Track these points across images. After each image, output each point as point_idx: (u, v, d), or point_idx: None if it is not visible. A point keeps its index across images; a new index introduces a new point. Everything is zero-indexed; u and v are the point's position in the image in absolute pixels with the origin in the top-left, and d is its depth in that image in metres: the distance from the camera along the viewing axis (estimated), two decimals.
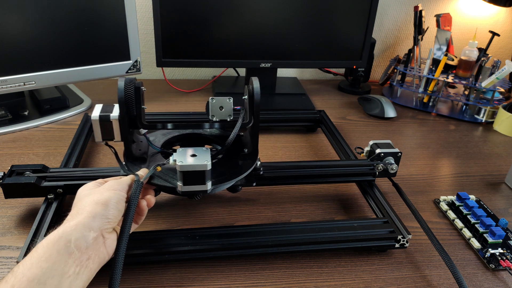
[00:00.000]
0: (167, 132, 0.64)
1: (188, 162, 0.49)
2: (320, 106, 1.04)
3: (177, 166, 0.49)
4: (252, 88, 0.56)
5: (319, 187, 0.71)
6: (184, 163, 0.49)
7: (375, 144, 0.68)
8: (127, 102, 0.52)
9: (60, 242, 0.38)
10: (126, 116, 0.53)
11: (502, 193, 0.75)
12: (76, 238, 0.39)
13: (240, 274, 0.53)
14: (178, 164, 0.49)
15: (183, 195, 0.52)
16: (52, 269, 0.37)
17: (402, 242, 0.56)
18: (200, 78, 1.22)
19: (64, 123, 0.88)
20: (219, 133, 0.64)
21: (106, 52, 0.90)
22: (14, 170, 0.58)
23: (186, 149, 0.52)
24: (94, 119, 0.53)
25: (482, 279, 0.55)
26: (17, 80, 0.81)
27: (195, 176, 0.50)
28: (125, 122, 0.53)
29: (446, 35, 1.05)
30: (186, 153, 0.51)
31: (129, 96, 0.52)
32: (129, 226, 0.44)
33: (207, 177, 0.50)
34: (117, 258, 0.42)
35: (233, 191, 0.60)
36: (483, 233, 0.61)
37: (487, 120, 1.03)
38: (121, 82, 0.52)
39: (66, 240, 0.39)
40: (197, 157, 0.50)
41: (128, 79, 0.52)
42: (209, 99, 0.57)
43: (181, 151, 0.51)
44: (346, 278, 0.53)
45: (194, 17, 0.91)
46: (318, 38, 0.99)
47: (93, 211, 0.42)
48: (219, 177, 0.54)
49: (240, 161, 0.59)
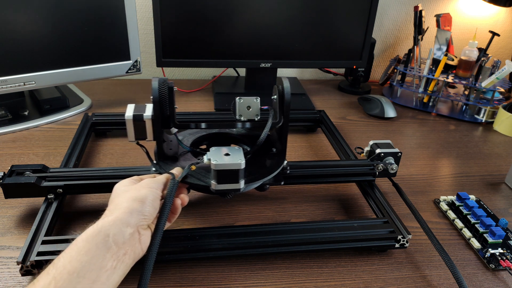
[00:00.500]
0: (194, 132, 0.64)
1: (223, 161, 0.49)
2: (320, 106, 1.04)
3: (212, 165, 0.49)
4: (282, 88, 0.56)
5: (319, 187, 0.71)
6: (219, 162, 0.49)
7: (375, 144, 0.68)
8: (161, 102, 0.52)
9: (99, 236, 0.39)
10: (160, 115, 0.53)
11: (502, 193, 0.75)
12: (114, 233, 0.40)
13: (240, 274, 0.53)
14: (213, 163, 0.49)
15: (216, 193, 0.53)
16: (91, 263, 0.37)
17: (402, 242, 0.56)
18: (200, 78, 1.22)
19: (64, 123, 0.88)
20: (246, 132, 0.65)
21: (106, 52, 0.90)
22: (14, 170, 0.58)
23: (220, 148, 0.52)
24: (128, 118, 0.53)
25: (482, 279, 0.55)
26: (17, 80, 0.81)
27: (229, 175, 0.50)
28: (158, 122, 0.53)
29: (446, 35, 1.05)
30: (220, 152, 0.51)
31: (163, 96, 0.52)
32: (164, 224, 0.45)
33: (241, 176, 0.51)
34: (150, 255, 0.43)
35: (261, 190, 0.60)
36: (483, 233, 0.61)
37: (487, 120, 1.03)
38: (155, 82, 0.52)
39: (105, 234, 0.40)
40: (231, 156, 0.51)
41: (162, 79, 0.53)
42: (236, 99, 0.58)
43: (214, 150, 0.52)
44: (346, 278, 0.53)
45: (194, 17, 0.91)
46: (318, 38, 0.99)
47: (130, 207, 0.43)
48: (249, 176, 0.54)
49: (267, 160, 0.59)
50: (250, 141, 0.63)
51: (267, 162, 0.59)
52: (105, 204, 0.63)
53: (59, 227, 0.58)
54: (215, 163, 0.49)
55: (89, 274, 0.37)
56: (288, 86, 0.56)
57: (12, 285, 0.49)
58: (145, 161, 0.74)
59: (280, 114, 0.58)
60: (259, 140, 0.57)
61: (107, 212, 0.44)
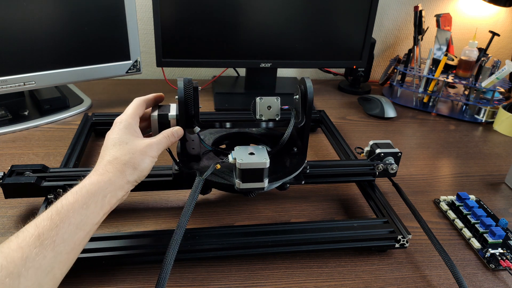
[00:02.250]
0: (214, 131, 0.64)
1: (248, 160, 0.50)
2: (320, 106, 1.04)
3: (237, 164, 0.50)
4: (304, 87, 0.57)
5: (319, 187, 0.71)
6: (245, 161, 0.50)
7: (375, 144, 0.68)
8: (187, 101, 0.53)
9: (98, 195, 0.42)
10: (185, 115, 0.53)
11: (502, 193, 0.75)
12: (111, 196, 0.43)
13: (240, 274, 0.53)
14: (238, 161, 0.50)
15: (240, 192, 0.53)
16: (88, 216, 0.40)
17: (402, 242, 0.56)
18: (200, 78, 1.22)
19: (64, 123, 0.88)
20: (266, 132, 0.65)
21: (106, 52, 0.90)
22: (14, 170, 0.58)
23: (244, 148, 0.53)
24: (153, 118, 0.54)
25: (482, 279, 0.55)
26: (17, 80, 0.81)
27: (254, 174, 0.51)
28: (183, 121, 0.54)
29: (446, 35, 1.05)
30: (245, 152, 0.52)
31: (188, 96, 0.53)
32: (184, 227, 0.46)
33: (265, 175, 0.51)
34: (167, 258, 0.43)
35: (281, 189, 0.60)
36: (483, 233, 0.61)
37: (487, 120, 1.03)
38: (180, 82, 0.52)
39: (103, 195, 0.43)
40: (256, 155, 0.51)
41: (187, 79, 0.53)
42: (257, 99, 0.58)
43: (239, 150, 0.52)
44: (346, 278, 0.53)
45: (194, 17, 0.91)
46: (318, 38, 0.99)
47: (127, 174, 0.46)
48: (271, 175, 0.55)
49: (289, 159, 0.60)
50: (270, 140, 0.63)
51: (289, 161, 0.59)
52: None
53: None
54: (240, 162, 0.50)
55: (85, 227, 0.40)
56: (311, 85, 0.56)
57: None
58: None
59: (302, 114, 0.58)
60: (283, 140, 0.57)
61: (105, 166, 0.45)
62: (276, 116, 0.59)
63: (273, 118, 0.58)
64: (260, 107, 0.58)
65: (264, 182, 0.52)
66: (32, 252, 0.35)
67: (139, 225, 0.60)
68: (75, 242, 0.39)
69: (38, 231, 0.36)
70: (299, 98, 0.59)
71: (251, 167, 0.50)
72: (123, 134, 0.48)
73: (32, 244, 0.35)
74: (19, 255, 0.34)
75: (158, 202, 0.65)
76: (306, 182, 0.63)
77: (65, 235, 0.37)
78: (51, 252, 0.36)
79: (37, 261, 0.35)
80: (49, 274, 0.36)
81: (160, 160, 0.74)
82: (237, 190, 0.53)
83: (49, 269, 0.35)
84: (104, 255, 0.50)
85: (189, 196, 0.48)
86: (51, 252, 0.36)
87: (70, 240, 0.38)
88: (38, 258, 0.35)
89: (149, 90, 1.08)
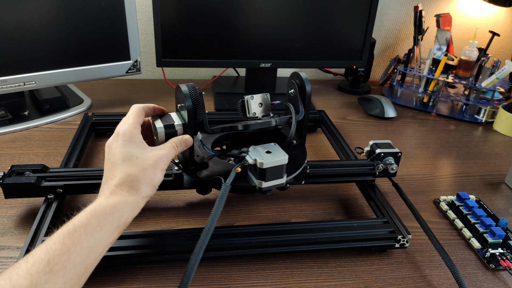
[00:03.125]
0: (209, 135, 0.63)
1: (269, 159, 0.50)
2: (320, 106, 1.04)
3: (259, 164, 0.50)
4: (300, 80, 0.57)
5: (319, 187, 0.71)
6: (266, 160, 0.50)
7: (375, 144, 0.68)
8: (195, 109, 0.51)
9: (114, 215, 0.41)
10: (193, 122, 0.52)
11: (502, 193, 0.75)
12: (128, 215, 0.43)
13: (240, 274, 0.53)
14: (260, 162, 0.50)
15: (261, 192, 0.53)
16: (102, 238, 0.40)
17: (402, 242, 0.56)
18: (200, 78, 1.22)
19: (64, 123, 0.88)
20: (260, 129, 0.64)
21: (106, 52, 0.90)
22: (14, 170, 0.58)
23: (258, 147, 0.53)
24: (159, 130, 0.51)
25: (482, 279, 0.55)
26: (17, 80, 0.81)
27: (276, 171, 0.51)
28: (192, 130, 0.52)
29: (446, 35, 1.05)
30: (261, 151, 0.52)
31: (196, 103, 0.51)
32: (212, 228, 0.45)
33: (284, 171, 0.52)
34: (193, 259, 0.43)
35: (281, 189, 0.59)
36: (483, 233, 0.61)
37: (487, 120, 1.03)
38: (184, 88, 0.50)
39: (119, 215, 0.42)
40: (273, 153, 0.51)
41: (190, 85, 0.51)
42: (247, 98, 0.58)
43: (254, 150, 0.52)
44: (346, 278, 0.53)
45: (194, 17, 0.91)
46: (318, 38, 0.99)
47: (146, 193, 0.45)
48: None
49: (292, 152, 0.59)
50: (266, 136, 0.63)
51: (293, 154, 0.59)
52: None
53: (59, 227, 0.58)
54: (263, 162, 0.49)
55: (98, 249, 0.39)
56: (307, 77, 0.57)
57: None
58: None
59: (301, 107, 0.59)
60: (290, 134, 0.57)
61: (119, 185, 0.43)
62: (269, 112, 0.59)
63: (266, 114, 0.59)
64: (252, 105, 0.58)
65: (284, 178, 0.52)
66: (41, 279, 0.33)
67: (139, 225, 0.60)
68: (87, 266, 0.38)
69: (48, 256, 0.35)
70: (296, 92, 0.59)
71: (274, 165, 0.50)
72: (131, 148, 0.46)
73: (42, 270, 0.34)
74: (28, 283, 0.33)
75: (158, 202, 0.65)
76: (306, 182, 0.63)
77: (76, 259, 0.36)
78: (61, 278, 0.35)
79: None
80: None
81: None
82: (257, 190, 0.52)
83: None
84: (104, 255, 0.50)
85: (216, 203, 0.46)
86: (62, 278, 0.35)
87: (81, 264, 0.37)
88: (47, 286, 0.34)
89: (149, 90, 1.08)
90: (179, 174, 0.59)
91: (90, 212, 0.40)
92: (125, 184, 0.44)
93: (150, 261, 0.52)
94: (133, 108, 0.51)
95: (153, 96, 1.03)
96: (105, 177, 0.45)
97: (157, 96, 1.04)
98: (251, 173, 0.53)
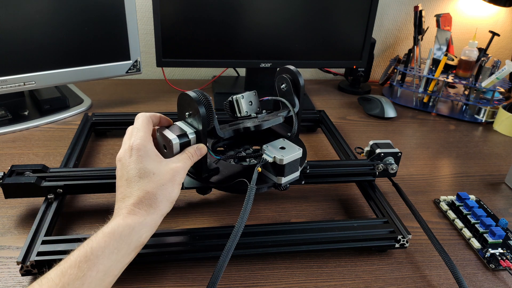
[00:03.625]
0: None
1: (287, 155, 0.51)
2: (320, 106, 1.04)
3: (279, 161, 0.51)
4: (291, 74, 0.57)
5: (319, 187, 0.71)
6: (286, 156, 0.51)
7: (375, 144, 0.68)
8: (208, 115, 0.50)
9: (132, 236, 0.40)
10: (206, 129, 0.51)
11: (502, 193, 0.75)
12: (146, 236, 0.42)
13: (240, 274, 0.53)
14: (279, 158, 0.50)
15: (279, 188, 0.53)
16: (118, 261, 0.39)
17: (402, 242, 0.56)
18: (200, 78, 1.22)
19: (64, 123, 0.88)
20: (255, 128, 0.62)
21: (106, 52, 0.90)
22: (14, 170, 0.58)
23: (271, 144, 0.54)
24: (174, 142, 0.49)
25: (482, 279, 0.55)
26: (17, 80, 0.81)
27: (293, 166, 0.52)
28: (205, 138, 0.51)
29: (446, 35, 1.05)
30: (275, 148, 0.53)
31: (209, 110, 0.50)
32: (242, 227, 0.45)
33: (299, 163, 0.53)
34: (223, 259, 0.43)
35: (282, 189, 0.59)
36: (483, 233, 0.61)
37: (487, 120, 1.03)
38: (194, 95, 0.49)
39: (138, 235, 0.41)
40: (287, 149, 0.53)
41: (199, 92, 0.50)
42: (238, 97, 0.58)
43: (268, 148, 0.53)
44: (346, 278, 0.53)
45: (194, 17, 0.91)
46: (318, 38, 0.99)
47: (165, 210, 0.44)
48: None
49: None
50: (264, 134, 0.62)
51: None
52: (105, 204, 0.63)
53: (59, 227, 0.58)
54: (282, 158, 0.50)
55: (114, 272, 0.38)
56: (297, 69, 0.57)
57: (12, 285, 0.49)
58: None
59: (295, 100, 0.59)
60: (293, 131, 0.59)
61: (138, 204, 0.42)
62: (258, 109, 0.60)
63: (258, 112, 0.60)
64: (243, 104, 0.58)
65: (298, 171, 0.54)
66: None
67: None
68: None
69: (63, 281, 0.34)
70: (289, 85, 0.59)
71: (292, 160, 0.51)
72: (147, 163, 0.44)
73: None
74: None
75: None
76: (306, 182, 0.63)
77: (91, 284, 0.35)
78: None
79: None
80: None
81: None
82: (277, 187, 0.53)
83: None
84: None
85: (244, 205, 0.47)
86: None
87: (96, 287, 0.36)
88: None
89: (149, 90, 1.08)
90: None
91: (108, 234, 0.39)
92: (143, 202, 0.42)
93: (150, 261, 0.52)
94: (141, 118, 0.49)
95: (153, 96, 1.03)
96: (120, 194, 0.44)
97: (157, 96, 1.04)
98: (266, 171, 0.53)
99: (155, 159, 0.46)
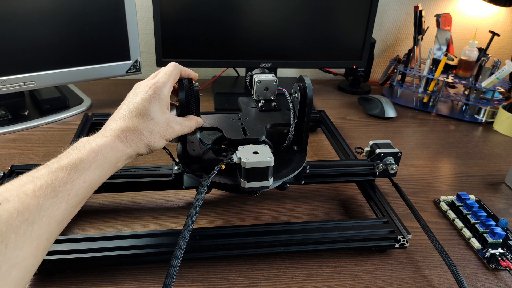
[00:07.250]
0: (212, 133, 0.64)
1: (253, 159, 0.50)
2: (320, 106, 1.04)
3: (243, 164, 0.50)
4: (304, 86, 0.57)
5: (319, 187, 0.71)
6: (250, 160, 0.49)
7: (375, 144, 0.68)
8: (188, 103, 0.52)
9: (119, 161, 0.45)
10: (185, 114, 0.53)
11: (502, 193, 0.75)
12: (124, 162, 0.46)
13: (240, 274, 0.53)
14: (243, 161, 0.49)
15: (245, 192, 0.53)
16: (101, 176, 0.42)
17: (402, 242, 0.56)
18: (200, 78, 1.22)
19: (64, 123, 0.88)
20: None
21: (106, 52, 0.90)
22: (14, 170, 0.58)
23: (247, 147, 0.53)
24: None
25: (482, 279, 0.55)
26: (17, 80, 0.81)
27: (259, 173, 0.51)
28: None
29: (446, 35, 1.05)
30: (249, 151, 0.52)
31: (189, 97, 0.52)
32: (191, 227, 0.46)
33: (270, 173, 0.51)
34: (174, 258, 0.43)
35: (281, 189, 0.60)
36: (483, 233, 0.61)
37: (487, 120, 1.03)
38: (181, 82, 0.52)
39: (118, 159, 0.44)
40: (260, 154, 0.51)
41: (187, 80, 0.52)
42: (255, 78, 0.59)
43: (242, 149, 0.52)
44: (346, 278, 0.53)
45: (194, 17, 0.91)
46: (318, 38, 0.99)
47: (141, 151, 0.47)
48: (274, 173, 0.55)
49: (290, 158, 0.60)
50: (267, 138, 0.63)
51: (289, 160, 0.59)
52: (105, 204, 0.63)
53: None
54: (246, 161, 0.49)
55: (95, 186, 0.42)
56: (310, 83, 0.57)
57: None
58: (144, 160, 0.74)
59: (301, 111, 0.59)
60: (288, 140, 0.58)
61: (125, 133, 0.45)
62: (272, 96, 0.60)
63: (268, 98, 0.60)
64: (257, 88, 0.59)
65: (269, 181, 0.52)
66: (46, 202, 0.36)
67: (139, 225, 0.60)
68: (84, 198, 0.41)
69: (54, 183, 0.37)
70: (299, 96, 0.59)
71: (257, 166, 0.50)
72: (154, 107, 0.47)
73: (48, 195, 0.36)
74: (35, 203, 0.35)
75: (158, 202, 0.65)
76: (306, 182, 0.63)
77: (79, 191, 0.39)
78: (64, 205, 0.37)
79: (51, 211, 0.36)
80: (59, 224, 0.37)
81: (160, 160, 0.74)
82: (242, 190, 0.52)
83: (60, 220, 0.37)
84: (104, 255, 0.50)
85: (195, 197, 0.47)
86: (65, 204, 0.38)
87: (81, 195, 0.40)
88: (52, 209, 0.36)
89: None
90: (179, 174, 0.59)
91: (96, 150, 0.42)
92: (131, 135, 0.46)
93: (150, 261, 0.52)
94: (171, 66, 0.52)
95: None
96: (118, 112, 0.48)
97: None
98: (238, 172, 0.53)
99: (162, 108, 0.49)
